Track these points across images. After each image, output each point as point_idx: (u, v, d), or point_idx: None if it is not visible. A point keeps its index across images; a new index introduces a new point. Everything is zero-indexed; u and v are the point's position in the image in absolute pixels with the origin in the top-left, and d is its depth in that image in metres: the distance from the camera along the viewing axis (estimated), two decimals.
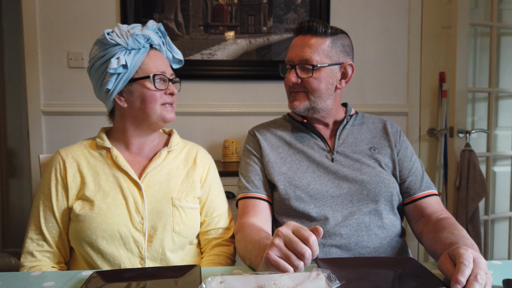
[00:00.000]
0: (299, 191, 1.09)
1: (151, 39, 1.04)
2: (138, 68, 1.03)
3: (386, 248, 1.06)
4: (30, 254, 1.00)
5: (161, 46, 1.09)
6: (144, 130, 1.09)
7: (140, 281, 0.81)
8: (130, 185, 1.04)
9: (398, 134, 1.21)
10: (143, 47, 1.03)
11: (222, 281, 0.71)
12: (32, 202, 1.18)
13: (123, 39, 1.00)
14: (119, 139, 1.10)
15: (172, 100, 1.08)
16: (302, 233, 0.72)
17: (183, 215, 1.05)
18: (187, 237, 1.06)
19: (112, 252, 0.99)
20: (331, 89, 1.15)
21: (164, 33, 1.10)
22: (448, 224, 0.98)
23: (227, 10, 2.30)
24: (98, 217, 0.98)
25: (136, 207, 1.02)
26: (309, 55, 1.10)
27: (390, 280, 0.80)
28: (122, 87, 1.03)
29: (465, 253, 0.71)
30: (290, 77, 1.13)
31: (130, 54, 1.00)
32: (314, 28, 1.11)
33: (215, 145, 2.31)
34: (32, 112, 2.24)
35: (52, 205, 1.02)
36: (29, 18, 2.20)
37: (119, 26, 1.02)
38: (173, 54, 1.13)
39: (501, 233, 2.36)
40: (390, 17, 2.38)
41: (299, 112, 1.17)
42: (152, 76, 1.03)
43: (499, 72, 2.38)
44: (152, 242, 1.01)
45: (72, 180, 1.03)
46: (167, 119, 1.07)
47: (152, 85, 1.03)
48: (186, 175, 1.11)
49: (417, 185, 1.14)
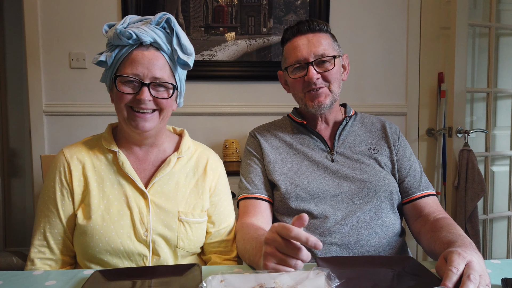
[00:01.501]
0: (299, 190, 1.10)
1: (139, 37, 0.92)
2: (119, 65, 0.95)
3: (385, 247, 1.07)
4: (31, 261, 0.97)
5: (160, 44, 0.95)
6: (131, 136, 1.02)
7: (141, 279, 0.81)
8: (135, 194, 0.99)
9: (397, 134, 1.22)
10: (128, 44, 0.93)
11: (223, 280, 0.71)
12: (33, 201, 1.17)
13: (109, 34, 0.94)
14: (125, 138, 1.04)
15: (145, 106, 0.95)
16: (286, 233, 0.70)
17: (188, 230, 1.00)
18: (190, 251, 1.03)
19: (116, 264, 0.95)
20: (341, 81, 1.19)
21: (172, 29, 0.96)
22: (446, 224, 0.98)
23: (227, 11, 2.31)
24: (101, 229, 0.94)
25: (141, 218, 0.97)
26: (324, 49, 1.12)
27: (389, 279, 0.80)
28: (110, 84, 0.99)
29: (457, 259, 0.71)
30: (312, 74, 1.10)
31: (113, 51, 0.94)
32: (317, 26, 1.14)
33: (216, 145, 2.32)
34: (34, 112, 2.25)
35: (58, 210, 0.97)
36: (31, 18, 2.21)
37: (125, 19, 0.95)
38: (179, 54, 0.97)
39: (499, 233, 2.36)
40: (389, 18, 2.39)
41: (325, 108, 1.15)
42: (114, 78, 0.95)
43: (497, 72, 2.39)
44: (157, 255, 0.98)
45: (78, 184, 0.98)
46: (137, 127, 0.96)
47: (120, 84, 0.95)
48: (195, 185, 1.06)
49: (416, 185, 1.15)
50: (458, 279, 0.69)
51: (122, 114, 0.97)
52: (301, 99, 1.17)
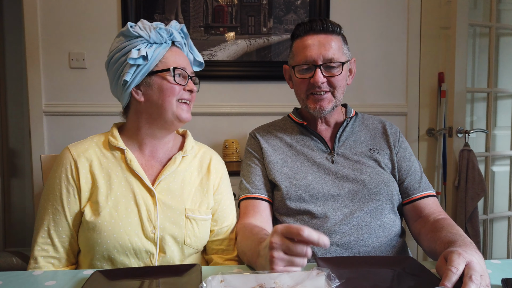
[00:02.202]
0: (300, 191, 1.10)
1: (174, 35, 1.02)
2: (158, 61, 1.00)
3: (386, 247, 1.06)
4: (34, 259, 0.97)
5: (183, 46, 1.07)
6: (158, 130, 1.05)
7: (142, 280, 0.81)
8: (143, 191, 1.00)
9: (397, 135, 1.22)
10: (165, 42, 1.01)
11: (223, 280, 0.71)
12: (33, 202, 1.17)
13: (145, 32, 0.98)
14: (132, 138, 1.06)
15: (190, 98, 1.05)
16: (297, 234, 0.70)
17: (195, 227, 1.02)
18: (196, 248, 1.04)
19: (123, 261, 0.96)
20: (346, 86, 1.18)
21: (187, 34, 1.08)
22: (446, 224, 0.98)
23: (227, 11, 2.31)
24: (110, 226, 0.95)
25: (149, 216, 0.98)
26: (333, 54, 1.10)
27: (389, 279, 0.80)
28: (140, 80, 1.00)
29: (456, 259, 0.71)
30: (318, 78, 1.10)
31: (151, 47, 0.99)
32: (330, 27, 1.12)
33: (216, 145, 2.32)
34: (34, 112, 2.25)
35: (63, 208, 0.97)
36: (31, 18, 2.21)
37: (142, 21, 1.01)
38: (194, 55, 1.10)
39: (500, 233, 2.36)
40: (389, 18, 2.39)
41: (326, 112, 1.15)
42: (173, 69, 1.00)
43: (498, 72, 2.39)
44: (164, 252, 0.99)
45: (85, 182, 0.98)
46: (182, 118, 1.02)
47: (172, 78, 1.00)
48: (200, 183, 1.08)
49: (416, 186, 1.14)
50: (458, 279, 0.69)
51: (171, 106, 1.02)
52: (303, 99, 1.17)
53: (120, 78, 1.00)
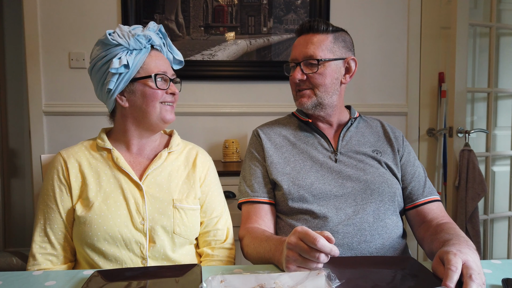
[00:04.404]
0: (302, 191, 1.10)
1: (152, 39, 1.05)
2: (139, 68, 1.04)
3: (388, 249, 1.06)
4: (33, 257, 1.00)
5: (162, 47, 1.10)
6: (145, 131, 1.09)
7: (141, 280, 0.81)
8: (131, 186, 1.05)
9: (401, 139, 1.22)
10: (145, 47, 1.04)
11: (223, 280, 0.71)
12: (33, 202, 1.18)
13: (124, 39, 1.01)
14: (120, 140, 1.11)
15: (173, 99, 1.09)
16: (311, 242, 0.74)
17: (184, 216, 1.06)
18: (187, 238, 1.07)
19: (113, 253, 0.99)
20: (337, 84, 1.17)
21: (165, 34, 1.11)
22: (446, 227, 0.98)
23: (227, 11, 2.30)
24: (99, 219, 0.99)
25: (137, 208, 1.02)
26: (312, 51, 1.12)
27: (390, 279, 0.80)
28: (123, 87, 1.04)
29: (453, 258, 0.72)
30: (295, 74, 1.14)
31: (132, 54, 1.01)
32: (316, 26, 1.14)
33: (216, 145, 2.31)
34: (34, 112, 2.25)
35: (57, 206, 1.02)
36: (31, 18, 2.21)
37: (120, 27, 1.03)
38: (173, 55, 1.14)
39: (500, 233, 2.36)
40: (389, 18, 2.39)
41: (307, 108, 1.18)
42: (154, 76, 1.04)
43: (498, 72, 2.39)
44: (153, 242, 1.02)
45: (75, 180, 1.04)
46: (166, 120, 1.07)
47: (154, 84, 1.03)
48: (187, 176, 1.12)
49: (420, 191, 1.14)
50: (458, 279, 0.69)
51: (154, 110, 1.06)
52: (294, 96, 1.22)
53: (104, 86, 1.05)
